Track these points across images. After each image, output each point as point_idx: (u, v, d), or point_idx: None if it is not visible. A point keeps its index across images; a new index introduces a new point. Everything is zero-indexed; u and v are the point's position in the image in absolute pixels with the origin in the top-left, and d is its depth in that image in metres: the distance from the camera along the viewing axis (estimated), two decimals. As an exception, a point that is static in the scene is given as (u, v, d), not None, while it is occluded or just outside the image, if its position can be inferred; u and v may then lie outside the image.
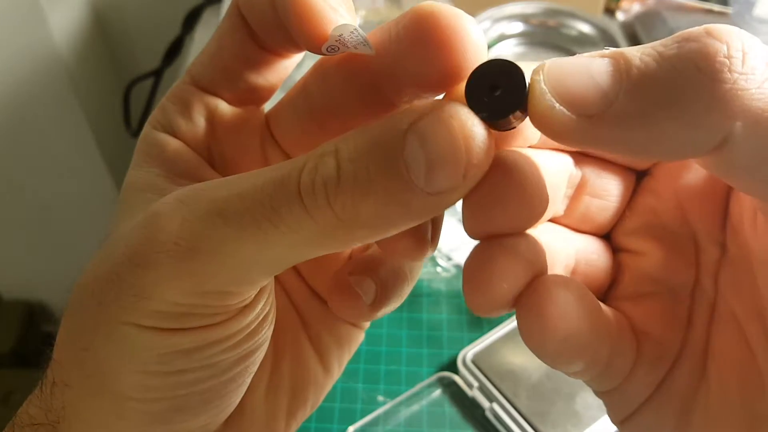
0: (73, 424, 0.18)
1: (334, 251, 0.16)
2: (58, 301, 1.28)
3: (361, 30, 0.15)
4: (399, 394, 0.39)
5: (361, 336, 0.23)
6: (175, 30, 0.72)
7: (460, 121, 0.14)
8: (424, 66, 0.16)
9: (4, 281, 1.23)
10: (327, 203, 0.14)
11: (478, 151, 0.14)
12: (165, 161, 0.18)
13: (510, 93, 0.14)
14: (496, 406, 0.37)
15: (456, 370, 0.40)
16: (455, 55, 0.15)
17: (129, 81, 0.77)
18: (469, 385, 0.39)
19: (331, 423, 0.39)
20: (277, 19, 0.17)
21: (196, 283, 0.15)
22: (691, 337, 0.18)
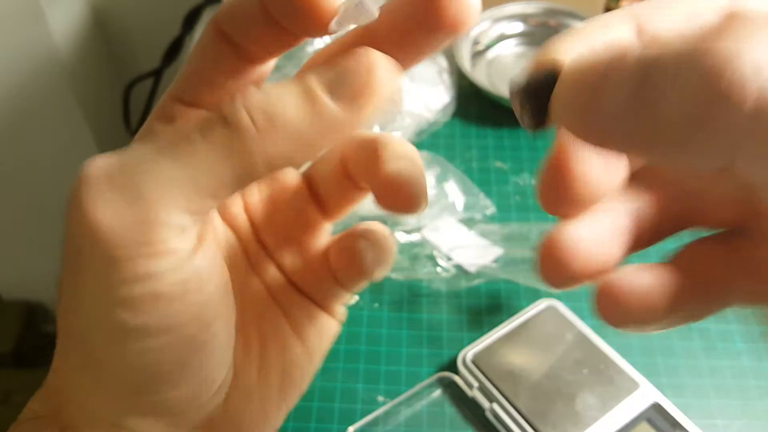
0: (72, 411, 0.19)
1: (256, 175, 0.17)
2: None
3: None
4: (399, 394, 0.39)
5: (338, 328, 0.24)
6: (174, 30, 0.72)
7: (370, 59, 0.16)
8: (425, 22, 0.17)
9: (4, 281, 1.23)
10: (245, 113, 0.16)
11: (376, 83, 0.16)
12: None
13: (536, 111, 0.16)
14: (496, 407, 0.37)
15: (456, 371, 0.39)
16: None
17: (129, 81, 0.77)
18: (469, 386, 0.39)
19: (331, 423, 0.39)
20: (267, 19, 0.17)
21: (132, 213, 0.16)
22: None
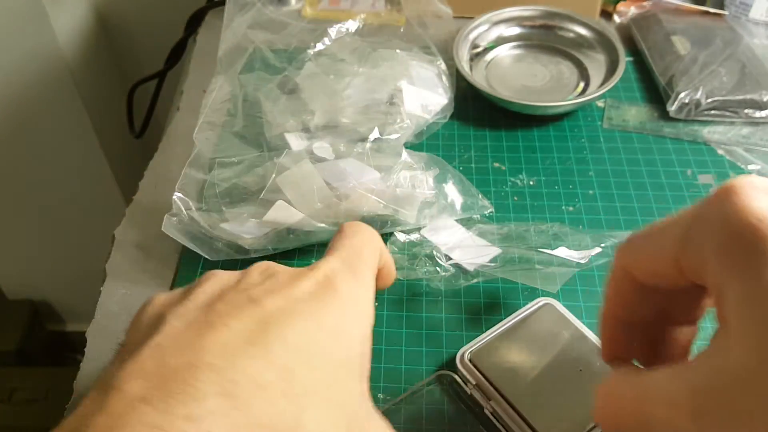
0: None
1: None
2: (62, 300, 1.29)
3: None
4: (399, 392, 0.40)
5: None
6: (177, 33, 0.72)
7: None
8: None
9: (9, 281, 1.24)
10: None
11: None
12: None
13: None
14: (494, 404, 0.37)
15: (455, 369, 0.40)
16: None
17: (132, 83, 0.78)
18: (467, 384, 0.39)
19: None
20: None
21: None
22: None
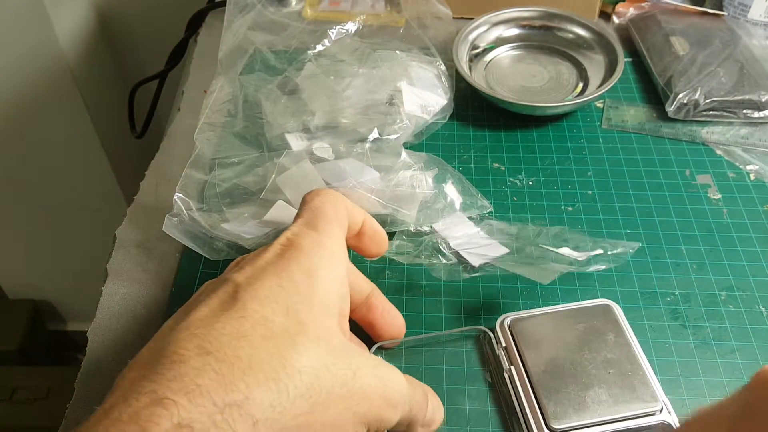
0: None
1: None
2: (64, 300, 1.30)
3: None
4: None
5: None
6: (178, 33, 0.73)
7: None
8: None
9: (11, 280, 1.24)
10: None
11: None
12: None
13: None
14: (514, 370, 0.38)
15: (494, 329, 0.41)
16: None
17: (133, 84, 0.78)
18: (498, 344, 0.40)
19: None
20: None
21: None
22: None
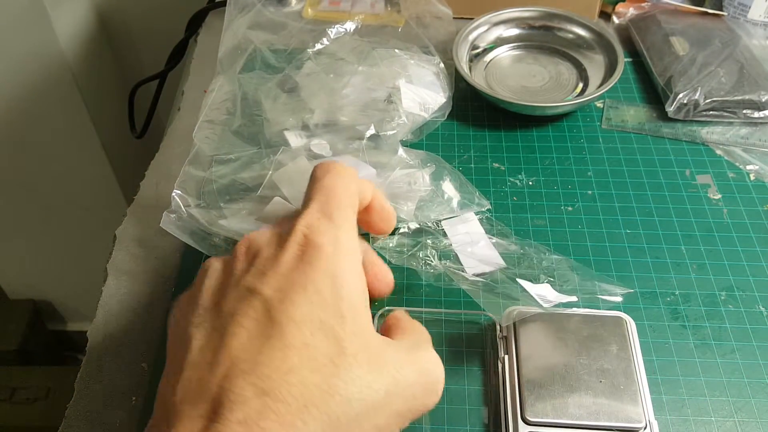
0: None
1: None
2: (64, 299, 1.30)
3: None
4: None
5: None
6: (178, 34, 0.73)
7: None
8: None
9: (11, 280, 1.24)
10: None
11: None
12: None
13: None
14: (507, 359, 0.39)
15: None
16: None
17: (133, 84, 0.78)
18: (500, 332, 0.41)
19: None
20: None
21: None
22: None
